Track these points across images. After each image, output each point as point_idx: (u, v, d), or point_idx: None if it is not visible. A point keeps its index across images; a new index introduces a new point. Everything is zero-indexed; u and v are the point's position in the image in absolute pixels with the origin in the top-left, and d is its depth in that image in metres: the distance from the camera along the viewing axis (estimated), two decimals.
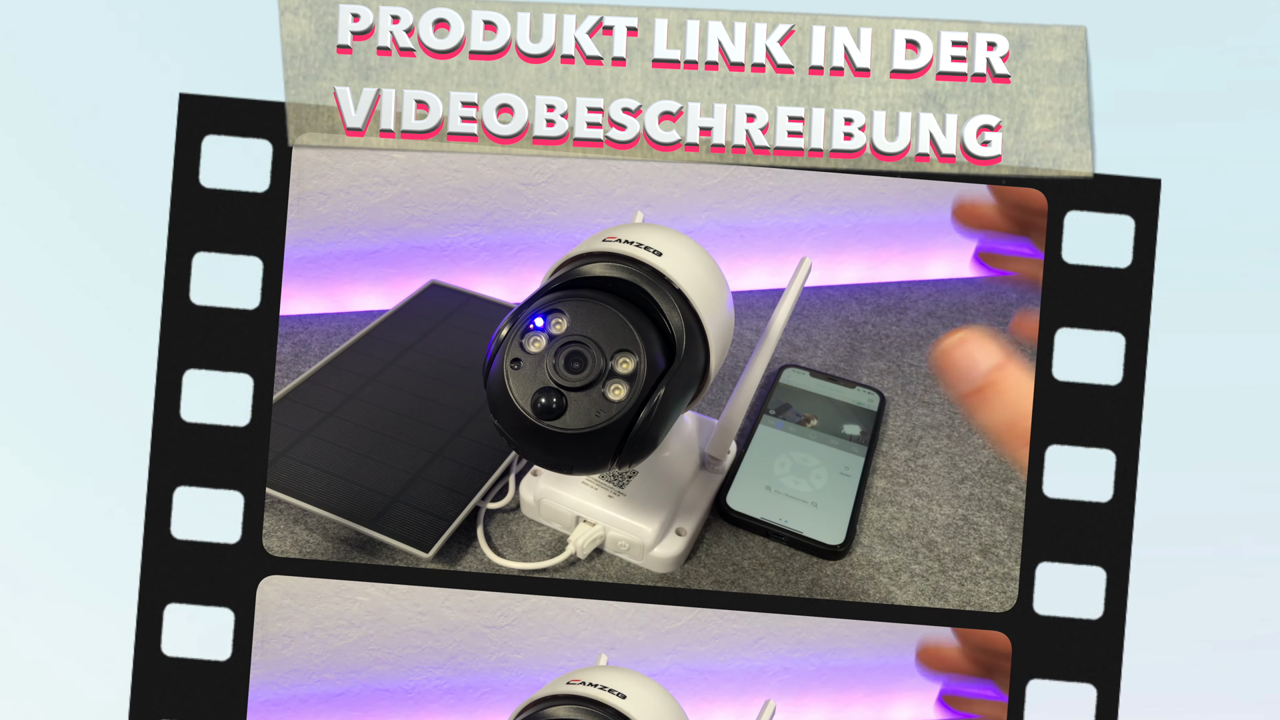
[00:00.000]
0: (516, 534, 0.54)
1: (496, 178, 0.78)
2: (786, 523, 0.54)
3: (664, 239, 0.46)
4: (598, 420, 0.39)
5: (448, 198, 0.77)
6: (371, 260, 0.78)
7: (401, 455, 0.56)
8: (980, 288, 0.88)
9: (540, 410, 0.39)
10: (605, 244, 0.45)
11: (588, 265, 0.44)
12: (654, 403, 0.39)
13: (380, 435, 0.57)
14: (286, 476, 0.53)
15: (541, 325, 0.40)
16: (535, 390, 0.39)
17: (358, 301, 0.81)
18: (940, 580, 0.52)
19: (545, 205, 0.81)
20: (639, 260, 0.44)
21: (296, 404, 0.59)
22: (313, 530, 0.52)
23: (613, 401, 0.39)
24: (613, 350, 0.39)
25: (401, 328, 0.69)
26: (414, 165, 0.72)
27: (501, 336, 0.41)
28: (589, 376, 0.39)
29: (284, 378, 0.66)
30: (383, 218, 0.77)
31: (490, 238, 0.81)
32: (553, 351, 0.39)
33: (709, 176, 0.86)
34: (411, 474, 0.54)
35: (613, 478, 0.53)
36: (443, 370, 0.64)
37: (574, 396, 0.39)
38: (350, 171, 0.71)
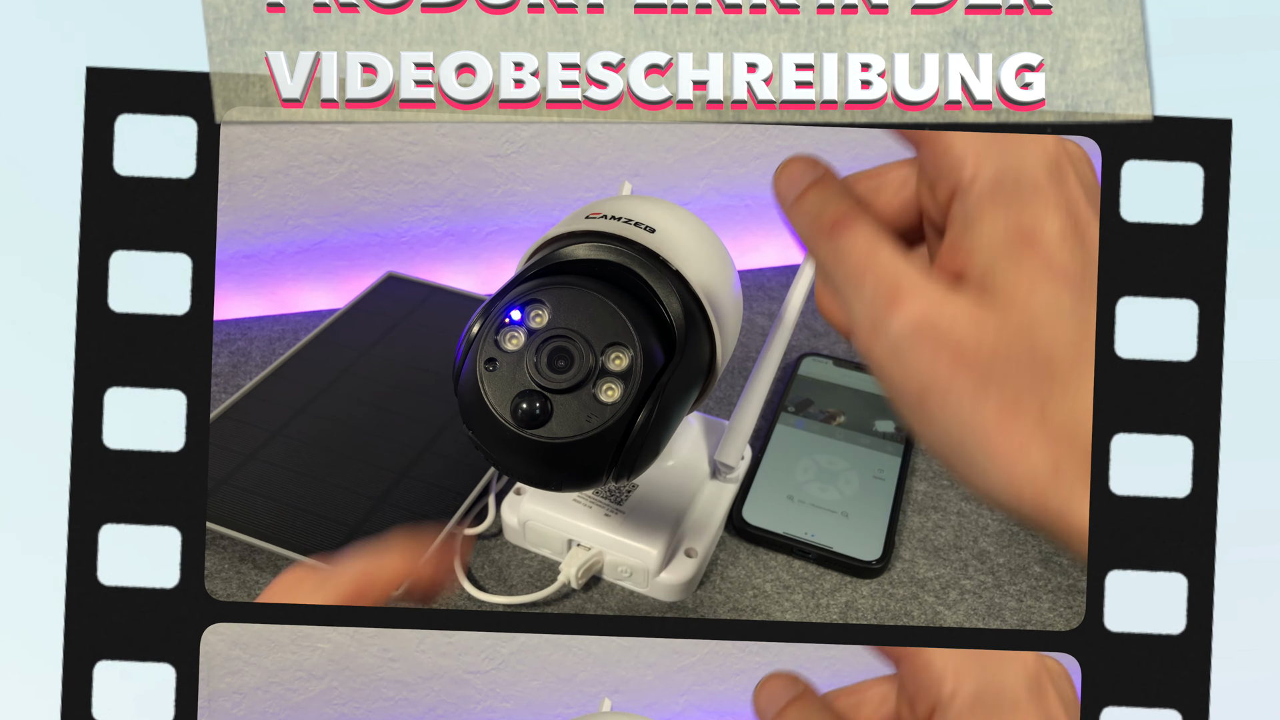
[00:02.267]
0: (500, 563, 0.54)
1: (459, 150, 0.78)
2: (813, 537, 0.55)
3: (657, 213, 0.46)
4: (589, 426, 0.39)
5: (403, 176, 0.77)
6: (318, 252, 0.78)
7: (362, 477, 0.56)
8: None
9: (521, 417, 0.39)
10: (589, 222, 0.45)
11: (570, 247, 0.44)
12: (653, 403, 0.39)
13: (336, 455, 0.58)
14: (229, 508, 0.53)
15: (519, 319, 0.40)
16: (515, 394, 0.39)
17: (304, 300, 0.81)
18: (995, 596, 0.53)
19: (517, 179, 0.81)
20: (629, 239, 0.44)
21: (237, 423, 0.59)
22: (263, 569, 0.53)
23: (605, 404, 0.39)
24: (603, 344, 0.40)
25: (356, 328, 0.69)
26: (363, 139, 0.73)
27: (473, 334, 0.41)
28: (577, 376, 0.39)
29: (221, 393, 0.67)
30: (329, 202, 0.77)
31: (455, 220, 0.81)
32: (533, 348, 0.40)
33: (706, 138, 0.86)
34: (374, 499, 0.55)
35: (609, 493, 0.53)
36: (406, 376, 0.64)
37: (560, 400, 0.39)
38: (289, 150, 0.72)
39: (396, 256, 0.79)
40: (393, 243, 0.78)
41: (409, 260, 0.80)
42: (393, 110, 0.42)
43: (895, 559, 0.55)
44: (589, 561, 0.51)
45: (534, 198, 0.80)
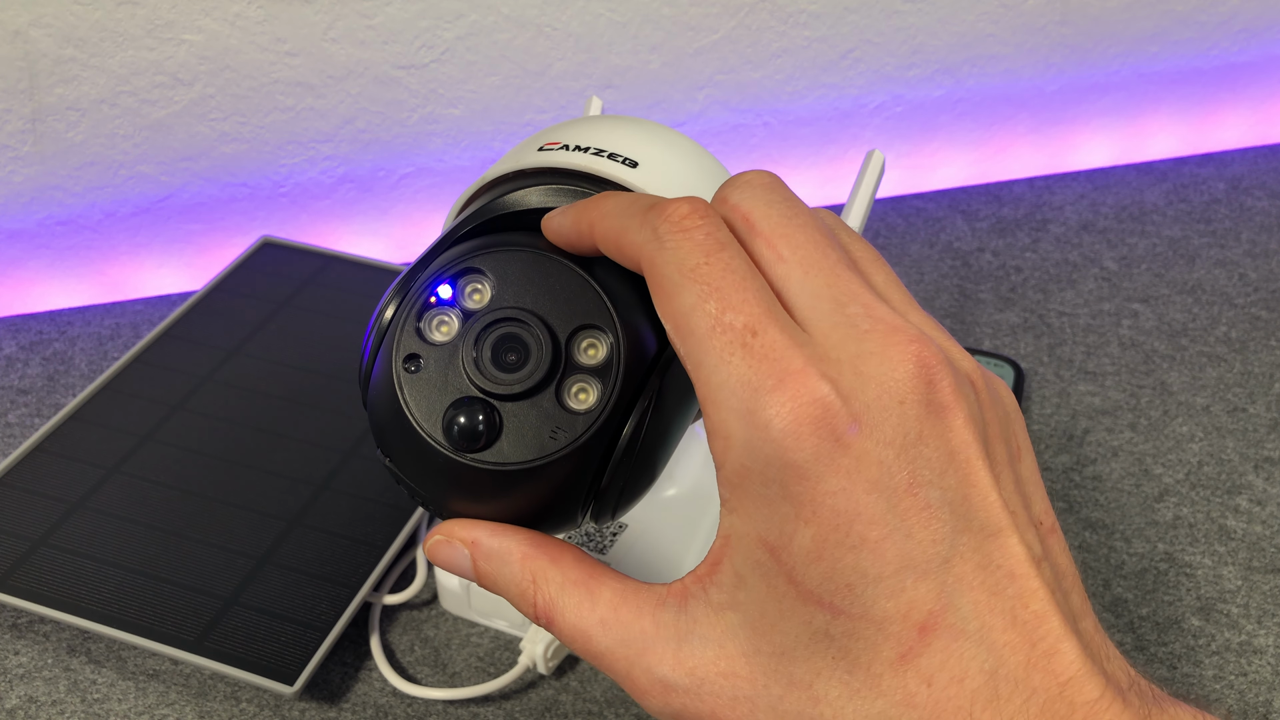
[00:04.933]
0: (436, 642, 0.54)
1: (355, 59, 0.77)
2: None
3: (639, 139, 0.45)
4: (554, 445, 0.38)
5: (278, 100, 0.76)
6: (163, 213, 0.78)
7: (236, 529, 0.56)
8: (1165, 177, 0.88)
9: (459, 435, 0.38)
10: (543, 155, 0.45)
11: (517, 193, 0.44)
12: (644, 409, 0.39)
13: (199, 498, 0.57)
14: (46, 578, 0.53)
15: (449, 297, 0.40)
16: (448, 404, 0.39)
17: (145, 282, 0.80)
18: (1136, 660, 0.53)
19: (439, 99, 0.80)
20: (601, 176, 0.43)
21: (56, 457, 0.59)
22: (101, 664, 0.52)
23: (577, 412, 0.39)
24: (570, 328, 0.39)
25: (220, 318, 0.69)
26: (219, 50, 0.72)
27: (385, 320, 0.40)
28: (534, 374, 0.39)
29: (33, 417, 0.66)
30: (175, 141, 0.76)
31: (353, 161, 0.80)
32: (471, 338, 0.39)
33: (706, 30, 0.85)
34: (255, 559, 0.54)
35: (586, 537, 0.53)
36: (293, 382, 0.64)
37: (512, 409, 0.39)
38: (115, 69, 0.71)
39: (274, 215, 0.79)
40: (267, 195, 0.78)
41: (291, 220, 0.79)
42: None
43: None
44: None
45: (464, 124, 0.79)
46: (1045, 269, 0.78)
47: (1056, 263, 0.79)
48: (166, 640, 0.51)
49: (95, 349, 0.70)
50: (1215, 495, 0.61)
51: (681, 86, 0.82)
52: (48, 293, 0.76)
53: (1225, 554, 0.58)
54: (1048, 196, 0.86)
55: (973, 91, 0.88)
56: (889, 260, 0.79)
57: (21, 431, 0.64)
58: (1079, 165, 0.92)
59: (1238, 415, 0.66)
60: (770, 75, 0.83)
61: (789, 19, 0.81)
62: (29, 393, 0.67)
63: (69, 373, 0.68)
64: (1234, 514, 0.60)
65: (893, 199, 0.86)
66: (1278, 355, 0.70)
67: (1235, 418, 0.66)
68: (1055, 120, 0.91)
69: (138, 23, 0.69)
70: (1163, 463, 0.63)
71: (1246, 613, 0.55)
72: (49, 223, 0.74)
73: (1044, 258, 0.79)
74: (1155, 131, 0.93)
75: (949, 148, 0.90)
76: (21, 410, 0.66)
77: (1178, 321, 0.73)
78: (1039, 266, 0.78)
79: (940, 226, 0.83)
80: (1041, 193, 0.87)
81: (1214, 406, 0.67)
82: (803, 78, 0.83)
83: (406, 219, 0.81)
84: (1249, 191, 0.86)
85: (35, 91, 0.68)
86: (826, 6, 0.80)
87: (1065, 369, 0.69)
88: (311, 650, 0.50)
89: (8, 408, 0.66)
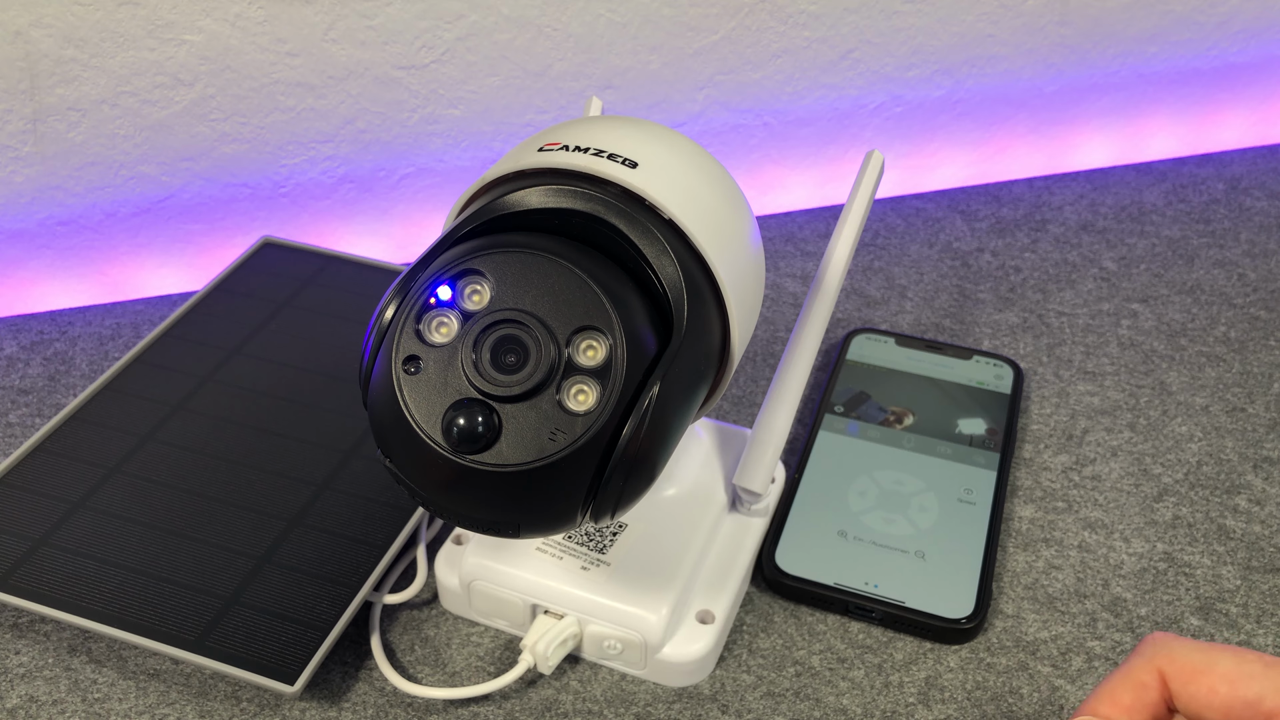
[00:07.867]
0: (436, 641, 0.54)
1: (356, 60, 0.77)
2: (877, 589, 0.54)
3: (639, 139, 0.45)
4: (554, 446, 0.39)
5: (278, 99, 0.76)
6: (162, 213, 0.78)
7: (236, 529, 0.56)
8: (1164, 177, 0.88)
9: (458, 437, 0.38)
10: (543, 155, 0.45)
11: (517, 193, 0.44)
12: (644, 410, 0.39)
13: (200, 498, 0.57)
14: (48, 578, 0.53)
15: (449, 298, 0.40)
16: (448, 405, 0.39)
17: (146, 283, 0.80)
18: None
19: (440, 100, 0.80)
20: (601, 177, 0.43)
21: (58, 457, 0.59)
22: (101, 664, 0.52)
23: (576, 413, 0.39)
24: (569, 330, 0.39)
25: (221, 317, 0.69)
26: (220, 50, 0.72)
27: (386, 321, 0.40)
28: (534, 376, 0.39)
29: (34, 417, 0.66)
30: (175, 142, 0.76)
31: (354, 161, 0.80)
32: (471, 340, 0.39)
33: (706, 30, 0.85)
34: (255, 558, 0.54)
35: (587, 539, 0.53)
36: (293, 382, 0.64)
37: (512, 411, 0.39)
38: (116, 69, 0.71)
39: (274, 215, 0.79)
40: (268, 195, 0.78)
41: (291, 220, 0.79)
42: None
43: (993, 615, 0.55)
44: (562, 635, 0.51)
45: (464, 125, 0.79)
46: (1044, 269, 0.78)
47: (1056, 263, 0.79)
48: (167, 640, 0.51)
49: (96, 349, 0.70)
50: (1214, 495, 0.61)
51: (681, 87, 0.82)
52: (49, 293, 0.76)
53: (1224, 554, 0.58)
54: (1047, 197, 0.86)
55: (972, 92, 0.88)
56: (889, 260, 0.79)
57: (22, 431, 0.64)
58: (1078, 165, 0.92)
59: (1237, 415, 0.66)
60: (770, 75, 0.83)
61: (789, 19, 0.81)
62: (30, 393, 0.67)
63: (70, 373, 0.68)
64: (1233, 514, 0.59)
65: (892, 199, 0.86)
66: (1277, 355, 0.70)
67: (1234, 418, 0.66)
68: (1054, 121, 0.91)
69: (138, 23, 0.69)
70: (1162, 462, 0.63)
71: (1245, 612, 0.55)
72: (50, 223, 0.74)
73: (1043, 258, 0.79)
74: (1154, 132, 0.93)
75: (948, 148, 0.90)
76: (22, 410, 0.66)
77: (1177, 322, 0.73)
78: (1038, 267, 0.78)
79: (940, 227, 0.83)
80: (1041, 193, 0.87)
81: (1213, 406, 0.66)
82: (803, 78, 0.83)
83: (407, 219, 0.81)
84: (1248, 192, 0.86)
85: (36, 92, 0.68)
86: (826, 7, 0.80)
87: (1064, 369, 0.69)
88: (312, 650, 0.50)
89: (9, 408, 0.66)
